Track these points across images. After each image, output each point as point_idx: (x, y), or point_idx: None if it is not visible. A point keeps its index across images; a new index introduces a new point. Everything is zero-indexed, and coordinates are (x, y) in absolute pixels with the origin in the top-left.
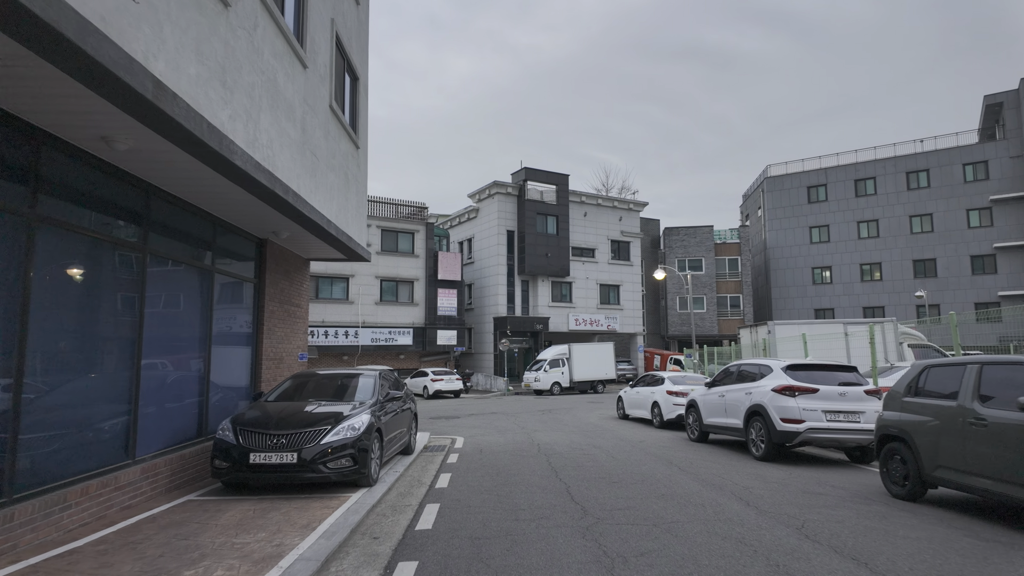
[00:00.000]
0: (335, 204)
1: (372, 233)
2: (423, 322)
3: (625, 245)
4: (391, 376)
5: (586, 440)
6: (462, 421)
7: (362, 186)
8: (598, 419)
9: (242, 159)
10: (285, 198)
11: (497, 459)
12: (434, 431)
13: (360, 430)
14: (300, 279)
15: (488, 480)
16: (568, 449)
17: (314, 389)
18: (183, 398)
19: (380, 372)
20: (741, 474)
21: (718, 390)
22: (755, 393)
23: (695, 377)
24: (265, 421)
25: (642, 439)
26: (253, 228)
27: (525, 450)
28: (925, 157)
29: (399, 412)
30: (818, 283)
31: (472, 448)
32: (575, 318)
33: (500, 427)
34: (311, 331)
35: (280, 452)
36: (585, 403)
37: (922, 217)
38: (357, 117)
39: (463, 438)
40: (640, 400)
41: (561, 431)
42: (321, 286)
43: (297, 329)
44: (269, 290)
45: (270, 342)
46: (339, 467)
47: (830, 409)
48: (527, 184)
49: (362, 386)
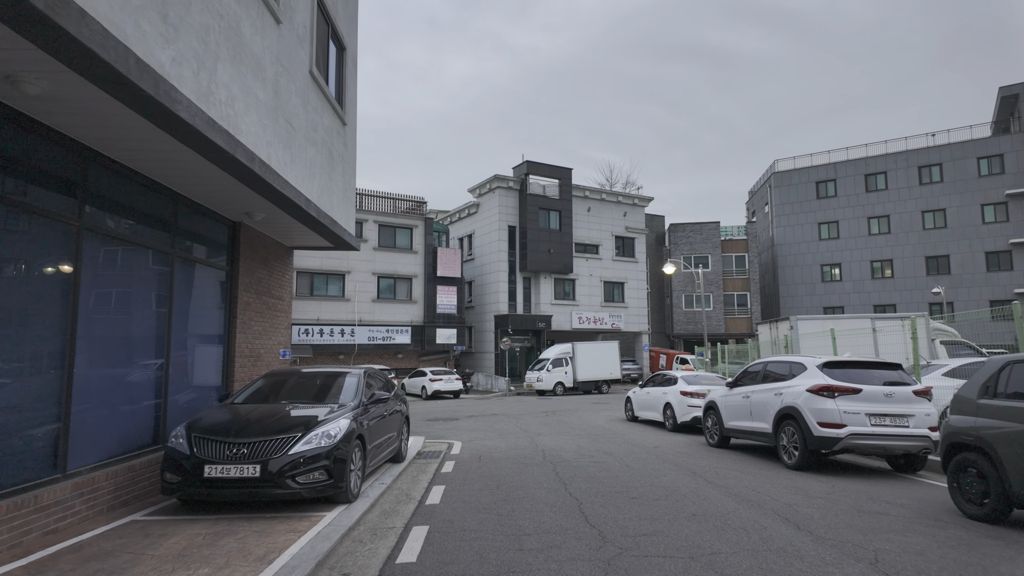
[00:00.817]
0: (317, 183)
1: (369, 228)
2: (422, 320)
3: (630, 241)
4: (380, 375)
5: (595, 445)
6: (461, 423)
7: (350, 167)
8: (605, 421)
9: (189, 112)
10: (250, 166)
11: (498, 468)
12: (430, 435)
13: (337, 438)
14: (282, 269)
15: (487, 494)
16: (576, 456)
17: (289, 390)
18: (135, 400)
19: (366, 371)
20: (777, 487)
21: (741, 390)
22: (786, 394)
23: (710, 377)
24: (225, 427)
25: (656, 444)
26: (222, 208)
27: (529, 457)
28: (938, 151)
29: (387, 416)
30: (827, 280)
31: (470, 454)
32: (578, 316)
33: (501, 430)
34: (306, 329)
35: (240, 464)
36: (590, 404)
37: (935, 212)
38: (344, 91)
39: (461, 443)
40: (651, 401)
41: (567, 435)
42: (316, 283)
43: (278, 324)
44: (244, 279)
45: (245, 337)
46: (311, 481)
47: (875, 412)
48: (529, 178)
49: (344, 387)
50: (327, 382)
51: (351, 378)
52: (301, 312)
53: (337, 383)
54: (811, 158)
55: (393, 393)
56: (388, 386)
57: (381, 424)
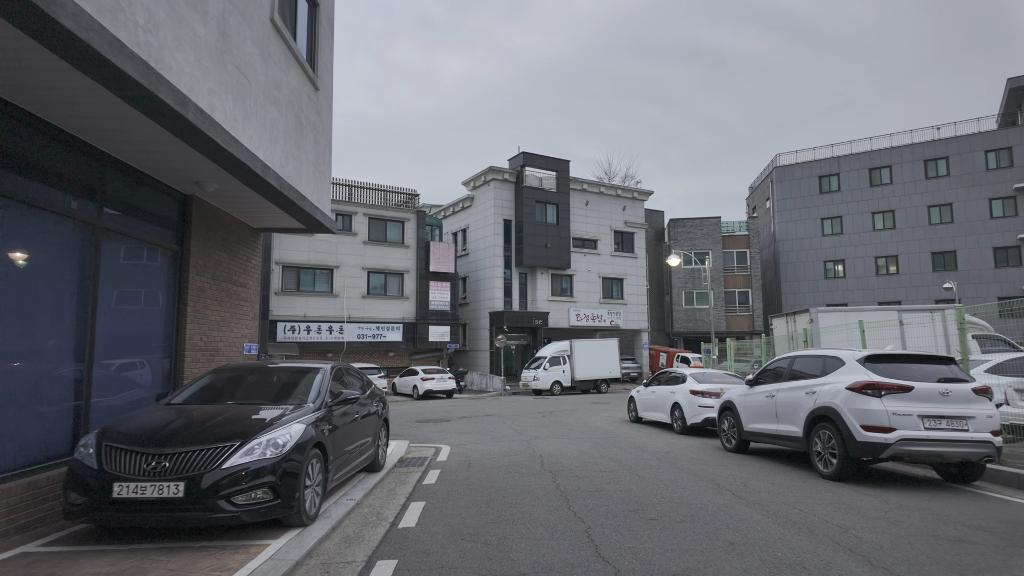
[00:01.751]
0: (280, 149)
1: (359, 221)
2: (414, 317)
3: (629, 236)
4: (354, 373)
5: (598, 450)
6: (452, 425)
7: (323, 138)
8: (607, 423)
9: (79, 22)
10: (181, 112)
11: (489, 478)
12: (416, 438)
13: (286, 447)
14: (247, 253)
15: (474, 514)
16: (579, 463)
17: (241, 388)
18: (43, 402)
19: (334, 367)
20: (820, 503)
21: (764, 389)
22: (821, 393)
23: (722, 375)
24: (147, 434)
25: (667, 449)
26: (166, 175)
27: (525, 464)
28: (944, 144)
29: (359, 418)
30: (830, 277)
31: (459, 461)
32: (576, 313)
33: (495, 432)
34: (292, 326)
35: (160, 481)
36: (589, 404)
37: (941, 207)
38: (317, 53)
39: (449, 447)
40: (657, 401)
41: (567, 438)
42: (303, 278)
43: (242, 314)
44: (197, 261)
45: (198, 328)
46: (252, 502)
47: (929, 413)
48: (525, 170)
49: (305, 385)
50: (286, 380)
51: (315, 375)
52: (287, 308)
53: (297, 381)
54: (814, 152)
55: (369, 392)
56: (364, 384)
57: (351, 428)
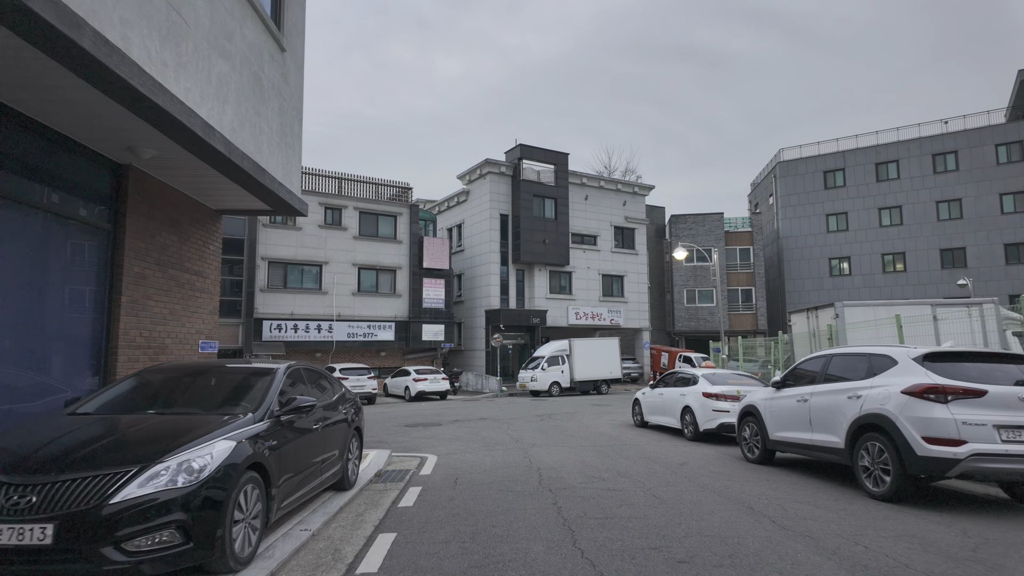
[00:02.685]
0: (232, 111)
1: (349, 215)
2: (407, 315)
3: (630, 232)
4: (319, 374)
5: (604, 461)
6: (442, 430)
7: (292, 108)
8: (610, 427)
9: None
10: (69, 34)
11: (478, 498)
12: (401, 446)
13: (204, 471)
14: (203, 237)
15: (455, 553)
16: (582, 479)
17: (169, 393)
18: None
19: (289, 367)
20: (885, 536)
21: (795, 393)
22: (868, 397)
23: (736, 376)
24: (18, 457)
25: (681, 459)
26: (88, 136)
27: (520, 479)
28: (953, 138)
29: (321, 429)
30: (836, 275)
31: (445, 475)
32: (575, 311)
33: (488, 439)
34: (278, 325)
35: (19, 522)
36: (589, 406)
37: (950, 203)
38: (283, 9)
39: (436, 457)
40: (665, 404)
41: (567, 446)
42: (290, 274)
43: (197, 307)
44: (135, 243)
45: (136, 321)
46: (154, 548)
47: (1007, 423)
48: (522, 163)
49: (248, 390)
50: (227, 384)
51: (263, 378)
52: (273, 306)
53: (241, 385)
54: (818, 147)
55: (337, 397)
56: (331, 388)
57: (308, 442)
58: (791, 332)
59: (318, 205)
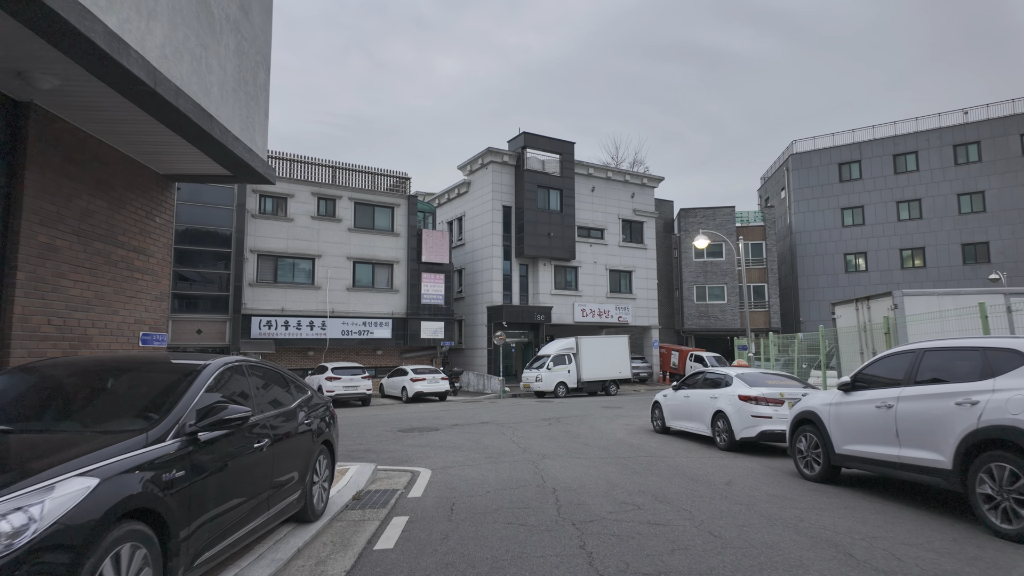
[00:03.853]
0: (161, 31)
1: (343, 206)
2: (404, 312)
3: (638, 225)
4: (269, 375)
5: (632, 479)
6: (440, 436)
7: (254, 51)
8: (627, 434)
9: None
10: None
11: (480, 537)
12: (390, 457)
13: (24, 536)
14: (146, 207)
15: None
16: (611, 504)
17: (44, 400)
18: None
19: (225, 364)
20: None
21: (872, 397)
22: (989, 404)
23: (777, 376)
24: None
25: (724, 477)
26: None
27: (533, 506)
28: (976, 127)
29: (269, 446)
30: (851, 271)
31: (439, 499)
32: (581, 308)
33: (491, 448)
34: (268, 322)
35: None
36: (599, 408)
37: (972, 195)
38: None
39: (430, 472)
40: (692, 408)
41: (583, 457)
42: (280, 267)
43: (136, 291)
44: (40, 205)
45: (41, 304)
46: None
47: None
48: (526, 152)
49: (156, 395)
50: (131, 385)
51: (180, 378)
52: (262, 301)
53: (148, 388)
54: (833, 138)
55: (298, 403)
56: (290, 391)
57: (246, 467)
58: (835, 326)
59: (311, 195)
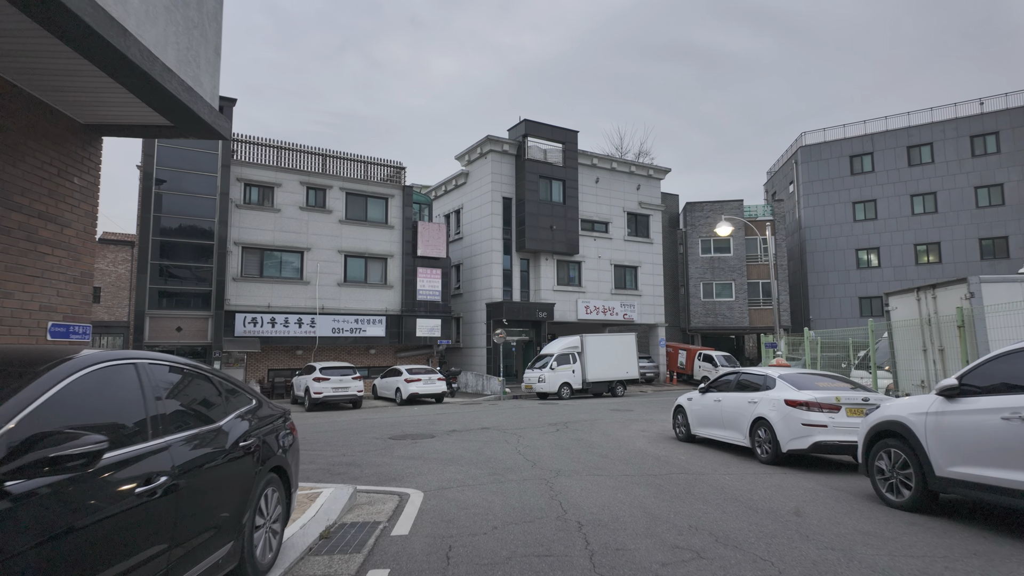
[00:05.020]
0: None
1: (334, 196)
2: (399, 309)
3: (644, 219)
4: (177, 375)
5: (672, 506)
6: (435, 446)
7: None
8: (646, 441)
9: None
10: None
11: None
12: (374, 475)
13: None
14: (58, 164)
15: None
16: (657, 546)
17: None
18: None
19: (101, 363)
20: None
21: (998, 405)
22: None
23: (825, 377)
24: None
25: (787, 502)
26: None
27: (555, 551)
28: (994, 118)
29: (173, 482)
30: (863, 267)
31: (431, 540)
32: (585, 305)
33: (494, 461)
34: (253, 319)
35: None
36: (608, 411)
37: (990, 188)
38: None
39: (422, 496)
40: (723, 414)
41: (605, 473)
42: (267, 262)
43: (43, 269)
44: None
45: None
46: None
47: None
48: (527, 141)
49: None
50: None
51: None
52: (247, 297)
53: None
54: (844, 129)
55: (229, 420)
56: (213, 402)
57: (119, 525)
58: (887, 319)
59: (299, 184)
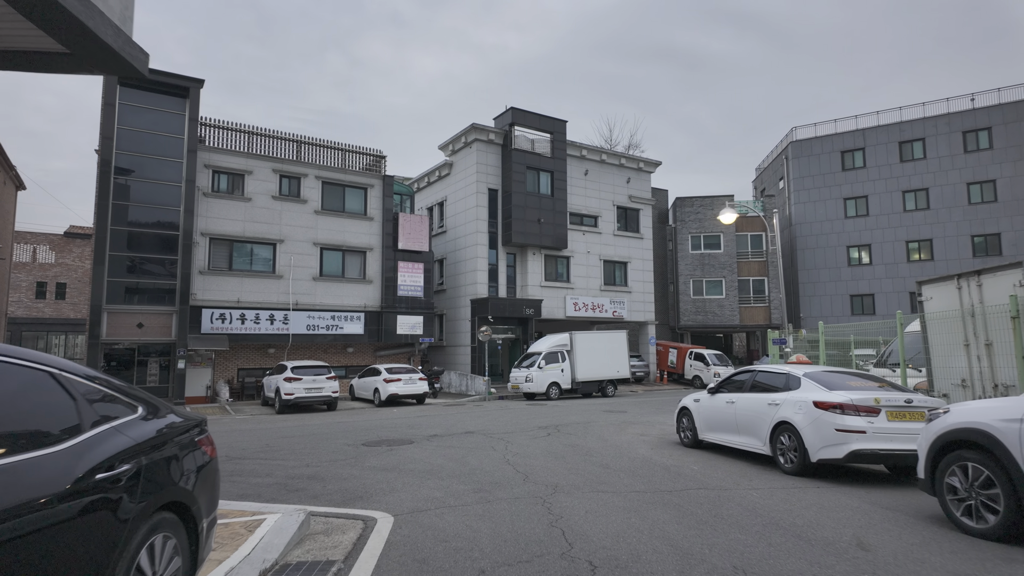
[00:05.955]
0: None
1: (309, 185)
2: (379, 305)
3: (634, 213)
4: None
5: (703, 536)
6: (413, 454)
7: None
8: (648, 448)
9: None
10: None
11: None
12: (337, 491)
13: None
14: None
15: None
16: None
17: None
18: None
19: None
20: None
21: None
22: None
23: (859, 377)
24: None
25: (840, 529)
26: None
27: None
28: (987, 113)
29: None
30: (854, 264)
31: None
32: (573, 302)
33: (480, 473)
34: (221, 315)
35: None
36: (601, 413)
37: (983, 184)
38: None
39: (392, 520)
40: (738, 417)
41: (609, 489)
42: (236, 254)
43: None
44: None
45: None
46: None
47: None
48: (514, 130)
49: None
50: None
51: None
52: (215, 291)
53: None
54: (835, 124)
55: (81, 442)
56: (55, 415)
57: None
58: (920, 311)
59: (272, 172)
